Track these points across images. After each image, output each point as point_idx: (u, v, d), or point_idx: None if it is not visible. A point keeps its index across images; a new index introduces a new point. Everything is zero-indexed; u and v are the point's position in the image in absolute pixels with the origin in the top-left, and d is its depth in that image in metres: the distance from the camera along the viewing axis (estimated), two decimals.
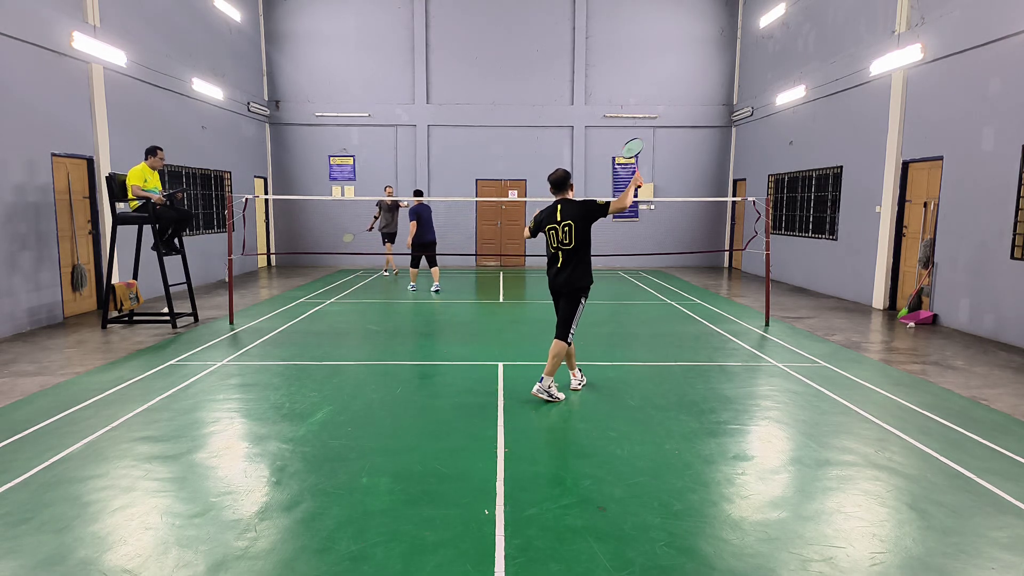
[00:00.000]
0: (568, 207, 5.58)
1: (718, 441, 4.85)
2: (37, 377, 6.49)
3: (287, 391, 6.05)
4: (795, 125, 14.47)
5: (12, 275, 8.62)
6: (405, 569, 3.13)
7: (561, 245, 5.56)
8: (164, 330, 8.87)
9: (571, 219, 5.53)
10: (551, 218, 5.61)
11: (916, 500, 3.89)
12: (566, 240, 5.54)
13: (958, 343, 8.36)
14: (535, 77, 17.90)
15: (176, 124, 13.06)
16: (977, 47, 8.87)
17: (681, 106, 18.05)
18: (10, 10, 8.61)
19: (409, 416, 5.39)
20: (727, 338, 8.55)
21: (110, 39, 10.70)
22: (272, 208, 18.17)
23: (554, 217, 5.59)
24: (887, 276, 11.00)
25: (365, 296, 12.33)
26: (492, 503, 3.81)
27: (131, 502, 3.81)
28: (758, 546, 3.35)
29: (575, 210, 5.56)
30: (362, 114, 17.86)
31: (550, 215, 5.64)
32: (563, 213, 5.56)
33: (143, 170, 8.76)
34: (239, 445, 4.75)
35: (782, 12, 14.93)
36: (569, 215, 5.54)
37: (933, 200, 9.98)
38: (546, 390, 5.68)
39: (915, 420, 5.32)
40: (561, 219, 5.55)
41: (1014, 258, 8.28)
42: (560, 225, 5.54)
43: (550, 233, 5.60)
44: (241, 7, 16.14)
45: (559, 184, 5.67)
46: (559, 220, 5.55)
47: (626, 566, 3.16)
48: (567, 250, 5.57)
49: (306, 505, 3.77)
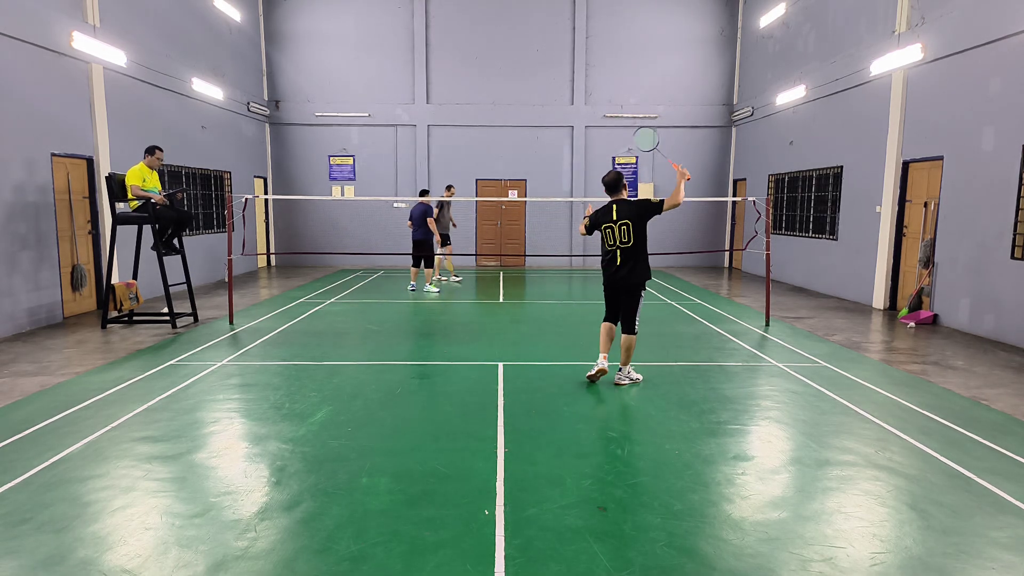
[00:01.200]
0: (624, 206, 5.74)
1: (718, 441, 4.84)
2: (37, 377, 6.49)
3: (287, 391, 6.05)
4: (795, 125, 14.47)
5: (12, 275, 8.62)
6: (405, 569, 3.13)
7: (620, 244, 5.73)
8: (164, 330, 8.87)
9: (628, 218, 5.71)
10: (607, 217, 5.76)
11: (916, 500, 3.88)
12: (625, 239, 5.73)
13: (958, 343, 8.35)
14: (535, 77, 17.90)
15: (176, 124, 13.06)
16: (977, 47, 8.87)
17: (681, 106, 18.06)
18: (10, 10, 8.61)
19: (409, 416, 5.38)
20: (727, 338, 8.55)
21: (110, 39, 10.69)
22: (272, 208, 18.17)
23: (609, 216, 5.74)
24: (887, 276, 10.99)
25: (365, 296, 12.33)
26: (492, 503, 3.81)
27: (131, 502, 3.81)
28: (758, 546, 3.35)
29: (631, 209, 5.73)
30: (362, 114, 17.86)
31: (605, 214, 5.80)
32: (619, 212, 5.71)
33: (141, 170, 8.75)
34: (239, 445, 4.74)
35: (782, 12, 14.93)
36: (625, 214, 5.71)
37: (933, 200, 9.98)
38: (627, 376, 6.20)
39: (915, 420, 5.32)
40: (617, 218, 5.70)
41: (1014, 258, 8.28)
42: (616, 225, 5.71)
43: (606, 232, 5.76)
44: (241, 7, 16.14)
45: (614, 185, 5.85)
46: (615, 220, 5.71)
47: (626, 566, 3.15)
48: (626, 248, 5.75)
49: (306, 505, 3.77)
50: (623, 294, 6.01)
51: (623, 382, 6.24)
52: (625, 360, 6.21)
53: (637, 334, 6.18)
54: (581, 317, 10.18)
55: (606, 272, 6.03)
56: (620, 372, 6.26)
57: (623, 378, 6.25)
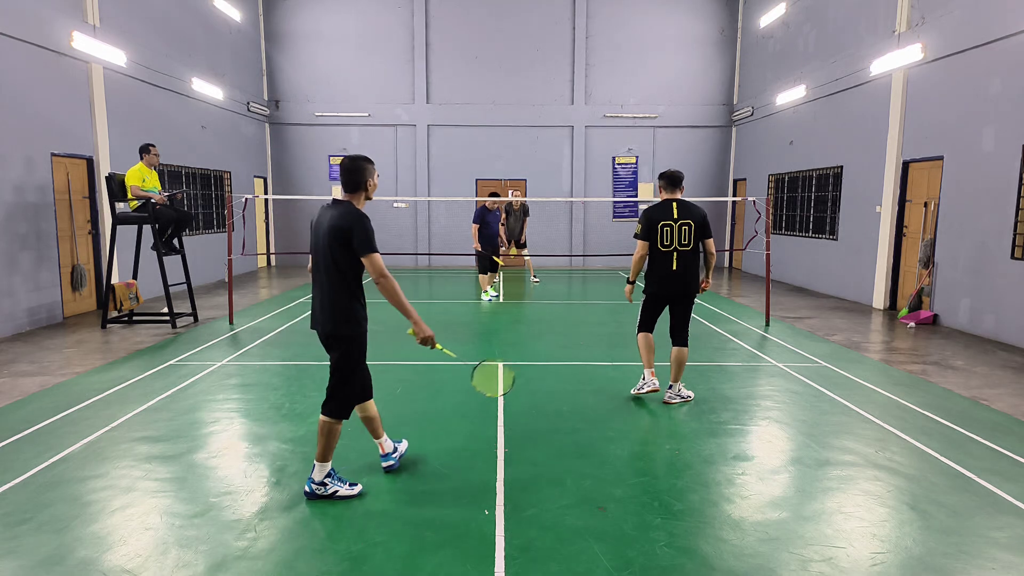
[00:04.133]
0: (686, 207, 5.33)
1: (718, 441, 4.84)
2: (37, 377, 6.49)
3: (287, 391, 6.05)
4: (795, 125, 14.47)
5: (12, 275, 8.62)
6: (405, 569, 3.13)
7: (679, 245, 5.30)
8: (164, 330, 8.86)
9: (690, 219, 5.31)
10: (666, 214, 5.30)
11: (916, 500, 3.88)
12: (685, 240, 5.30)
13: (958, 343, 8.35)
14: (535, 77, 17.90)
15: (176, 124, 13.05)
16: (978, 47, 8.87)
17: (681, 106, 18.05)
18: (10, 10, 8.61)
19: (409, 416, 5.38)
20: (727, 338, 8.55)
21: (110, 39, 10.69)
22: (272, 208, 18.17)
23: (670, 214, 5.30)
24: (887, 276, 10.99)
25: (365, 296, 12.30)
26: (492, 503, 3.81)
27: (131, 502, 3.81)
28: (758, 546, 3.35)
29: (695, 213, 5.34)
30: (362, 114, 17.85)
31: (664, 211, 5.32)
32: (680, 211, 5.29)
33: (141, 170, 8.75)
34: (239, 445, 4.74)
35: (782, 12, 14.93)
36: (687, 215, 5.30)
37: (933, 200, 9.97)
38: (677, 394, 5.71)
39: (915, 420, 5.32)
40: (679, 217, 5.28)
41: (1014, 258, 8.27)
42: (677, 223, 5.27)
43: (664, 231, 5.27)
44: (241, 7, 16.14)
45: (677, 181, 5.41)
46: (676, 218, 5.28)
47: (626, 566, 3.15)
48: (685, 251, 5.32)
49: (306, 505, 3.77)
50: (678, 302, 5.49)
51: (673, 400, 5.68)
52: (676, 375, 5.67)
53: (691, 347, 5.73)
54: (581, 317, 10.18)
55: (657, 276, 5.43)
56: (671, 389, 5.72)
57: (674, 396, 5.70)
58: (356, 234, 3.55)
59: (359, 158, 3.74)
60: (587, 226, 18.43)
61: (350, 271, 3.65)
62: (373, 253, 3.59)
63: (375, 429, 4.12)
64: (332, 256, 3.61)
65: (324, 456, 3.79)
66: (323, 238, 3.64)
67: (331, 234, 3.59)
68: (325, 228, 3.63)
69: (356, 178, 3.69)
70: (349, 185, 3.71)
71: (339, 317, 3.68)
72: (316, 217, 3.77)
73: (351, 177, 3.69)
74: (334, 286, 3.66)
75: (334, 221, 3.60)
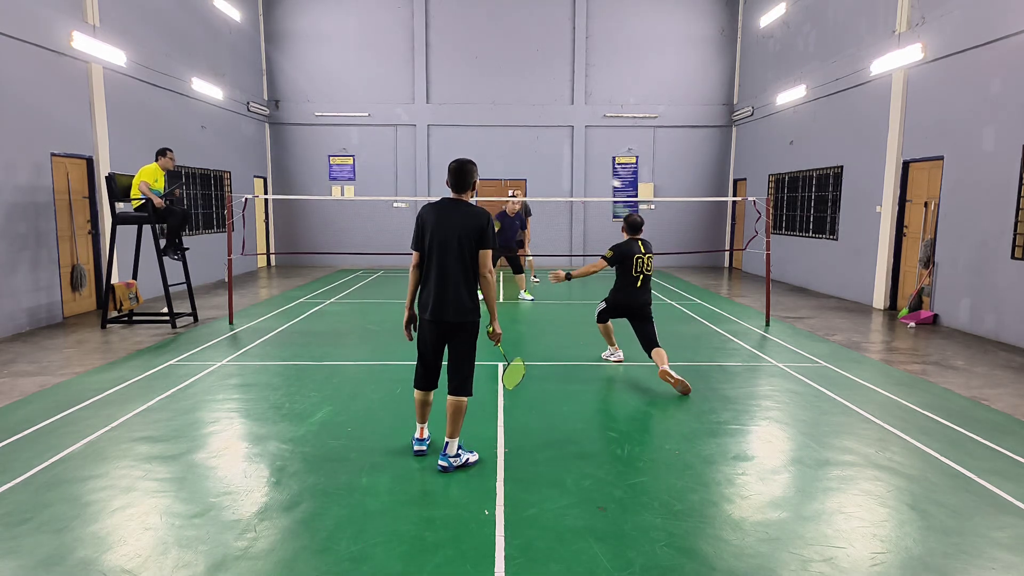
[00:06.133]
0: (646, 243, 6.69)
1: (718, 441, 4.84)
2: (37, 377, 6.48)
3: (287, 391, 6.05)
4: (795, 125, 14.47)
5: (12, 275, 8.62)
6: (405, 569, 3.12)
7: (645, 272, 6.60)
8: (164, 330, 8.86)
9: (650, 253, 6.68)
10: (636, 250, 6.57)
11: (917, 500, 3.88)
12: (649, 268, 6.62)
13: (959, 343, 8.35)
14: (535, 77, 17.90)
15: (176, 124, 13.05)
16: (978, 47, 8.87)
17: (681, 106, 18.05)
18: (10, 10, 8.61)
19: (409, 416, 5.37)
20: (727, 338, 8.55)
21: (110, 39, 10.69)
22: (272, 208, 18.17)
23: (639, 249, 6.59)
24: (887, 276, 10.99)
25: (365, 296, 12.32)
26: (492, 503, 3.81)
27: (131, 502, 3.80)
28: (758, 546, 3.34)
29: (651, 248, 6.76)
30: (362, 114, 17.85)
31: (635, 247, 6.57)
32: (644, 247, 6.63)
33: (155, 170, 8.81)
34: (239, 445, 4.74)
35: (782, 12, 14.92)
36: (649, 250, 6.67)
37: (933, 200, 9.97)
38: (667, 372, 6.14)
39: (916, 420, 5.32)
40: (644, 251, 6.61)
41: (1014, 258, 8.27)
42: (645, 256, 6.59)
43: (637, 262, 6.55)
44: (241, 7, 16.14)
45: (640, 226, 6.67)
46: (643, 252, 6.60)
47: (626, 566, 3.15)
48: (648, 276, 6.63)
49: (306, 505, 3.77)
50: (642, 319, 6.52)
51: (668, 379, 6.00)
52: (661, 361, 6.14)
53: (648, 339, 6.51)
54: (582, 317, 10.17)
55: (625, 294, 6.60)
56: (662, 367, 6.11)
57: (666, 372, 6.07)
58: (488, 230, 4.01)
59: (467, 161, 4.12)
60: (587, 226, 18.43)
61: (473, 264, 4.04)
62: (492, 249, 4.09)
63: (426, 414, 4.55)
64: (466, 249, 3.99)
65: (456, 433, 4.23)
66: (456, 232, 3.97)
67: (468, 229, 3.98)
68: (458, 223, 3.98)
69: (467, 179, 4.10)
70: (461, 186, 4.11)
71: (470, 305, 4.08)
72: (429, 215, 4.06)
73: (463, 179, 4.09)
74: (466, 277, 4.04)
75: (468, 219, 3.98)
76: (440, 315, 4.08)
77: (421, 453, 4.52)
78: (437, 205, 4.10)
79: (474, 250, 4.01)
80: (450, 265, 4.01)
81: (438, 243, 4.02)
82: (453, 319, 4.08)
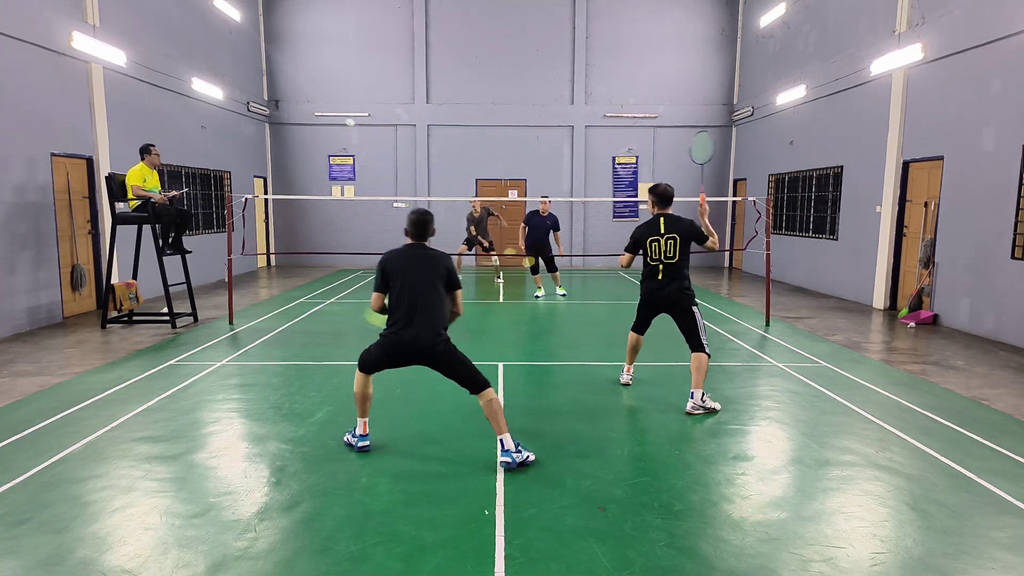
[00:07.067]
0: (673, 221, 5.51)
1: (718, 441, 4.84)
2: (37, 377, 6.48)
3: (287, 391, 6.05)
4: (795, 125, 14.47)
5: (12, 275, 8.62)
6: (405, 569, 3.12)
7: (664, 258, 5.48)
8: (164, 330, 8.86)
9: (676, 233, 5.45)
10: (653, 230, 5.51)
11: (917, 500, 3.88)
12: (670, 253, 5.46)
13: (959, 343, 8.35)
14: (535, 77, 17.90)
15: (176, 124, 13.05)
16: (978, 47, 8.87)
17: (681, 106, 18.05)
18: (10, 10, 8.61)
19: (409, 416, 5.38)
20: (727, 338, 8.55)
21: (110, 39, 10.69)
22: (272, 208, 18.17)
23: (657, 229, 5.50)
24: (887, 276, 10.99)
25: (365, 296, 12.32)
26: (492, 503, 3.81)
27: (131, 502, 3.80)
28: (758, 546, 3.34)
29: (681, 225, 5.49)
30: (362, 114, 17.85)
31: (651, 228, 5.54)
32: (667, 226, 5.48)
33: (142, 170, 8.75)
34: (239, 445, 4.74)
35: (782, 12, 14.92)
36: (674, 229, 5.46)
37: (933, 200, 9.97)
38: (700, 404, 5.42)
39: (916, 420, 5.32)
40: (665, 231, 5.47)
41: (1014, 258, 8.27)
42: (664, 237, 5.46)
43: (651, 246, 5.49)
44: (241, 7, 16.14)
45: (668, 198, 5.60)
46: (663, 232, 5.47)
47: (626, 566, 3.15)
48: (670, 264, 5.48)
49: (306, 505, 3.77)
50: (674, 314, 5.63)
51: (695, 412, 5.39)
52: (696, 382, 5.43)
53: (710, 355, 5.52)
54: (582, 317, 10.18)
55: (646, 287, 5.69)
56: (692, 399, 5.42)
57: (696, 407, 5.39)
58: (453, 271, 4.46)
59: (425, 212, 4.51)
60: (587, 226, 18.43)
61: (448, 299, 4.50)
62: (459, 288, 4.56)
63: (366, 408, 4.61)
64: (436, 284, 4.38)
65: (503, 428, 4.31)
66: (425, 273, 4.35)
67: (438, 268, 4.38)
68: (427, 266, 4.36)
69: (427, 228, 4.51)
70: (422, 235, 4.51)
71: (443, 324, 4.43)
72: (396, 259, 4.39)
73: (424, 229, 4.50)
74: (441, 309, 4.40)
75: (435, 262, 4.39)
76: (417, 336, 4.30)
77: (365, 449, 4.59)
78: (403, 252, 4.43)
79: (444, 291, 4.40)
80: (425, 295, 4.33)
81: (410, 285, 4.32)
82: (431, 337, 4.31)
